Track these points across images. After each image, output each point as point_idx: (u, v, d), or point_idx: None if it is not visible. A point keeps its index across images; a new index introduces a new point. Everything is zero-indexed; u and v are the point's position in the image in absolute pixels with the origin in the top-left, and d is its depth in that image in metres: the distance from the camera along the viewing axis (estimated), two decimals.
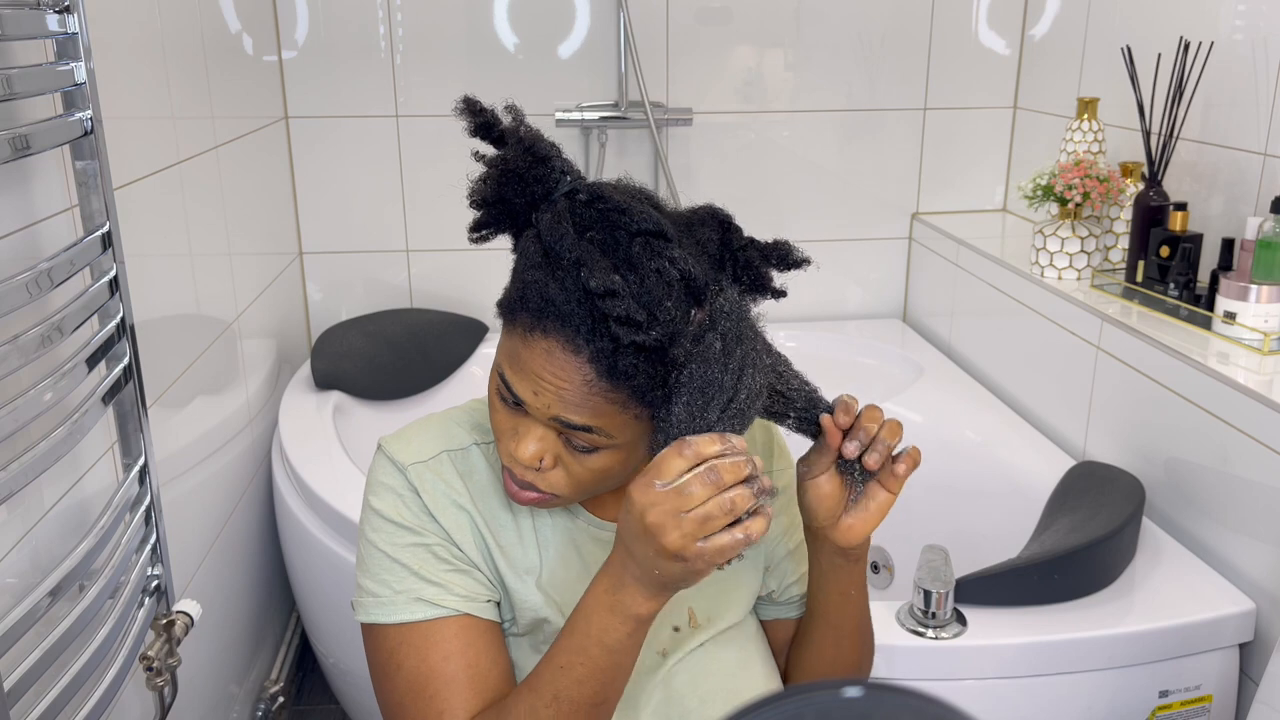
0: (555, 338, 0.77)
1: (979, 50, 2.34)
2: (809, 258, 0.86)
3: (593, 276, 0.74)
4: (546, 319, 0.77)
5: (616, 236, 0.77)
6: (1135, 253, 1.73)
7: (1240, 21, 1.63)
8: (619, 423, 0.80)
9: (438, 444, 0.94)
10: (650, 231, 0.77)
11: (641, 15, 2.23)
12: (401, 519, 0.90)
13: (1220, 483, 1.40)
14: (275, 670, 1.94)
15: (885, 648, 1.26)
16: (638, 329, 0.74)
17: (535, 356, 0.79)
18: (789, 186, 2.39)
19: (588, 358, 0.77)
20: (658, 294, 0.76)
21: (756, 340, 0.82)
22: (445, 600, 0.89)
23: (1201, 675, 1.33)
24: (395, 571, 0.90)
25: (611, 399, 0.78)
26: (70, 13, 0.97)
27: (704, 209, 0.86)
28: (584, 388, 0.78)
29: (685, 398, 0.76)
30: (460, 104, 0.83)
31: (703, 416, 0.77)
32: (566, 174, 0.81)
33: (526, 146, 0.80)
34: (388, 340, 2.12)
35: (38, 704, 0.88)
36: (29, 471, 0.88)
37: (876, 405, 0.88)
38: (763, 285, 0.86)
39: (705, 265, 0.81)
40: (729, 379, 0.77)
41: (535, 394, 0.80)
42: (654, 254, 0.77)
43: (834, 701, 0.50)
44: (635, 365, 0.76)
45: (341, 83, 2.22)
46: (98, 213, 1.04)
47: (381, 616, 0.89)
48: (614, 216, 0.77)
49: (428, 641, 0.88)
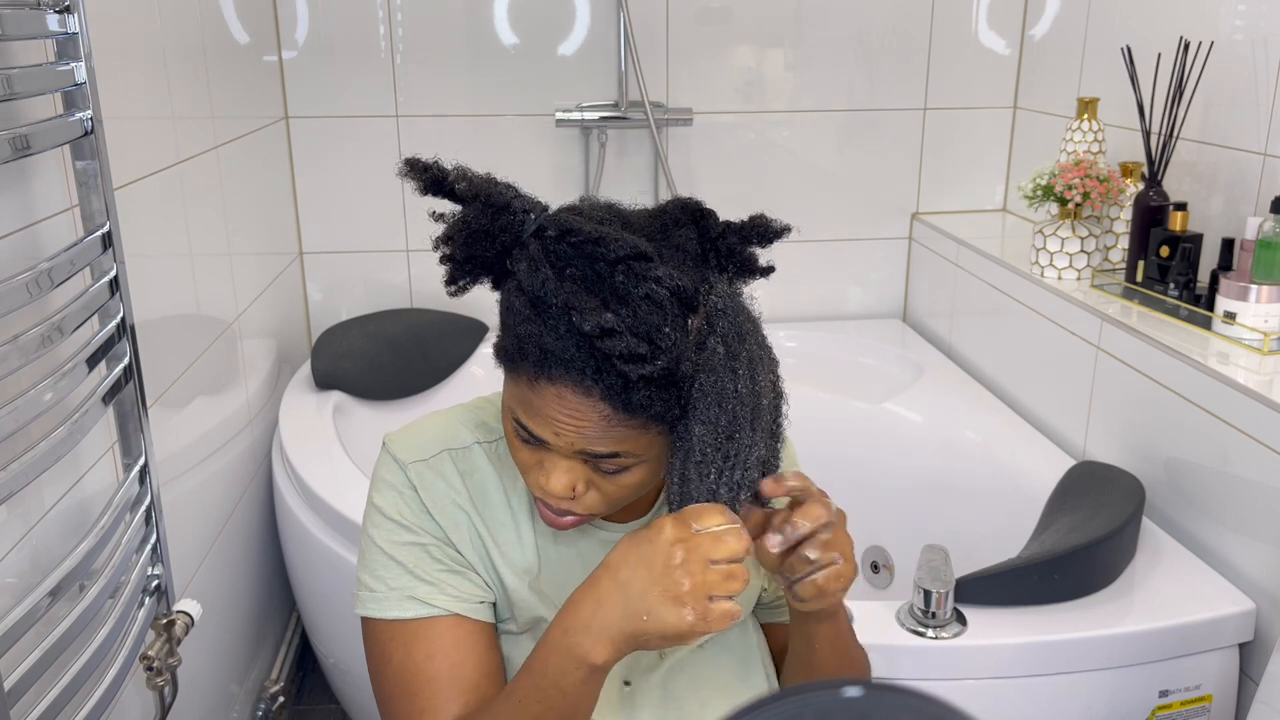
0: (563, 384, 0.76)
1: (979, 50, 2.34)
2: (789, 225, 0.84)
3: (585, 320, 0.73)
4: (550, 368, 0.76)
5: (597, 269, 0.75)
6: (1135, 253, 1.73)
7: (1240, 21, 1.63)
8: (644, 443, 0.80)
9: (440, 442, 0.94)
10: (630, 256, 0.75)
11: (641, 15, 2.23)
12: (400, 517, 0.91)
13: (1220, 483, 1.40)
14: (275, 670, 1.94)
15: (885, 648, 1.26)
16: (643, 361, 0.73)
17: (548, 403, 0.77)
18: (789, 186, 2.39)
19: (600, 396, 0.76)
20: (654, 321, 0.74)
21: (757, 332, 0.81)
22: (436, 600, 0.89)
23: (1201, 675, 1.33)
24: (391, 568, 0.90)
25: (631, 425, 0.77)
26: (70, 13, 0.97)
27: (673, 204, 0.84)
28: (602, 423, 0.77)
29: (702, 414, 0.76)
30: (403, 167, 0.81)
31: (728, 431, 0.76)
32: (529, 212, 0.79)
33: (484, 201, 0.79)
34: (388, 340, 2.12)
35: (38, 704, 0.88)
36: (29, 471, 0.88)
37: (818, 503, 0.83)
38: (750, 267, 0.85)
39: (690, 268, 0.80)
40: (743, 385, 0.77)
41: (556, 435, 0.79)
42: (639, 279, 0.75)
43: (834, 701, 0.50)
44: (649, 395, 0.75)
45: (341, 83, 2.22)
46: (98, 213, 1.04)
47: (376, 611, 0.90)
48: (589, 248, 0.75)
49: (416, 639, 0.89)
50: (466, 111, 2.26)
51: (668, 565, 0.74)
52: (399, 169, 0.81)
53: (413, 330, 2.19)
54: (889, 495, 2.00)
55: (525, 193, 0.80)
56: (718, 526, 0.75)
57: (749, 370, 0.78)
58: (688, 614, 0.73)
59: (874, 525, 2.03)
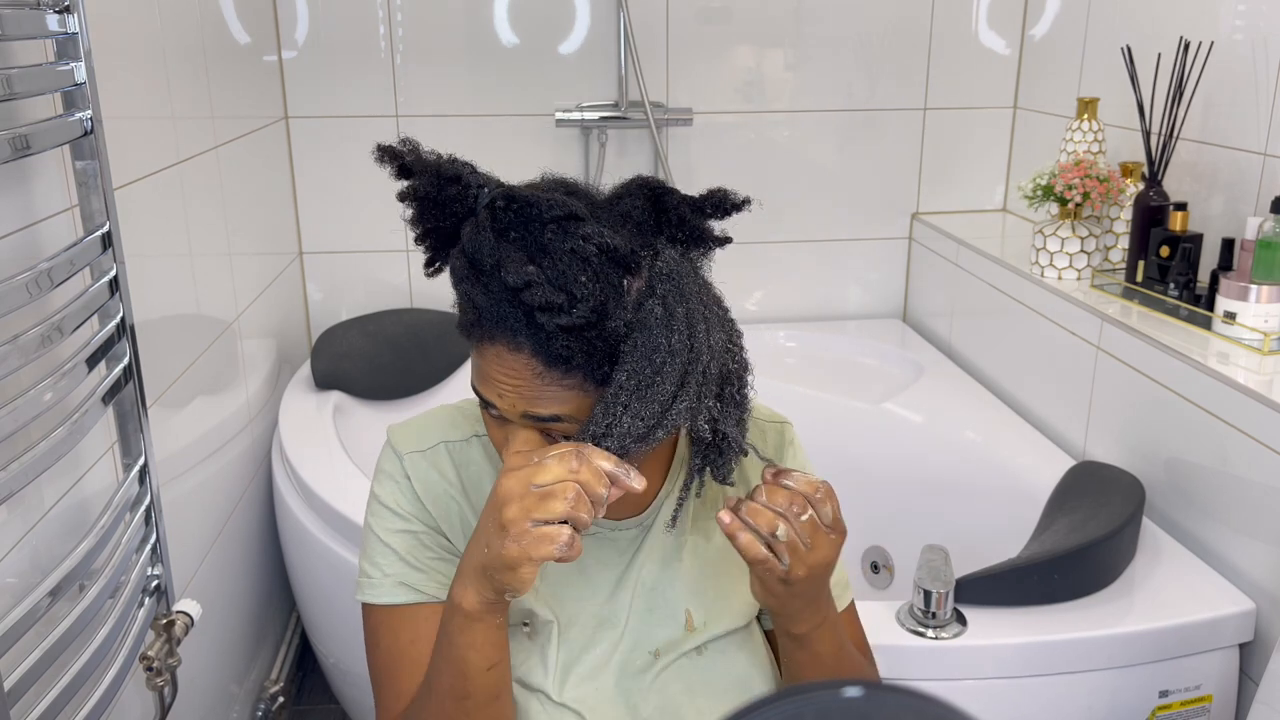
0: (499, 342, 0.79)
1: (979, 50, 2.34)
2: (749, 198, 0.85)
3: (508, 273, 0.76)
4: (486, 325, 0.79)
5: (531, 230, 0.78)
6: (1135, 253, 1.73)
7: (1240, 21, 1.63)
8: (580, 403, 0.81)
9: (438, 434, 0.97)
10: (560, 217, 0.77)
11: (641, 15, 2.23)
12: (395, 505, 0.94)
13: (1220, 483, 1.40)
14: (275, 670, 1.94)
15: (885, 648, 1.26)
16: (559, 311, 0.75)
17: (489, 363, 0.81)
18: (789, 186, 2.39)
19: (530, 352, 0.78)
20: (572, 273, 0.76)
21: (706, 296, 0.82)
22: (425, 587, 0.93)
23: (1201, 675, 1.33)
24: (386, 555, 0.94)
25: (566, 384, 0.79)
26: (70, 13, 0.97)
27: (633, 181, 0.85)
28: (536, 380, 0.79)
29: (630, 365, 0.78)
30: (377, 152, 0.84)
31: (653, 383, 0.78)
32: (484, 187, 0.81)
33: (434, 172, 0.81)
34: (388, 340, 2.12)
35: (38, 704, 0.88)
36: (29, 471, 0.88)
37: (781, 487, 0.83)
38: (701, 237, 0.85)
39: (630, 233, 0.81)
40: (677, 340, 0.78)
41: (500, 397, 0.81)
42: (567, 235, 0.77)
43: (834, 701, 0.50)
44: (570, 346, 0.77)
45: (341, 83, 2.22)
46: (98, 213, 1.04)
47: (370, 596, 0.94)
48: (527, 211, 0.78)
49: (403, 624, 0.93)
50: (466, 111, 2.26)
51: (495, 496, 0.77)
52: (374, 154, 0.84)
53: (413, 330, 2.18)
54: (889, 495, 2.00)
55: (484, 172, 0.82)
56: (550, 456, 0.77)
57: (687, 327, 0.79)
58: (510, 541, 0.76)
59: (874, 525, 2.03)
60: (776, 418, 1.05)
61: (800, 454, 1.04)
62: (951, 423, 1.95)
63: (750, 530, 0.81)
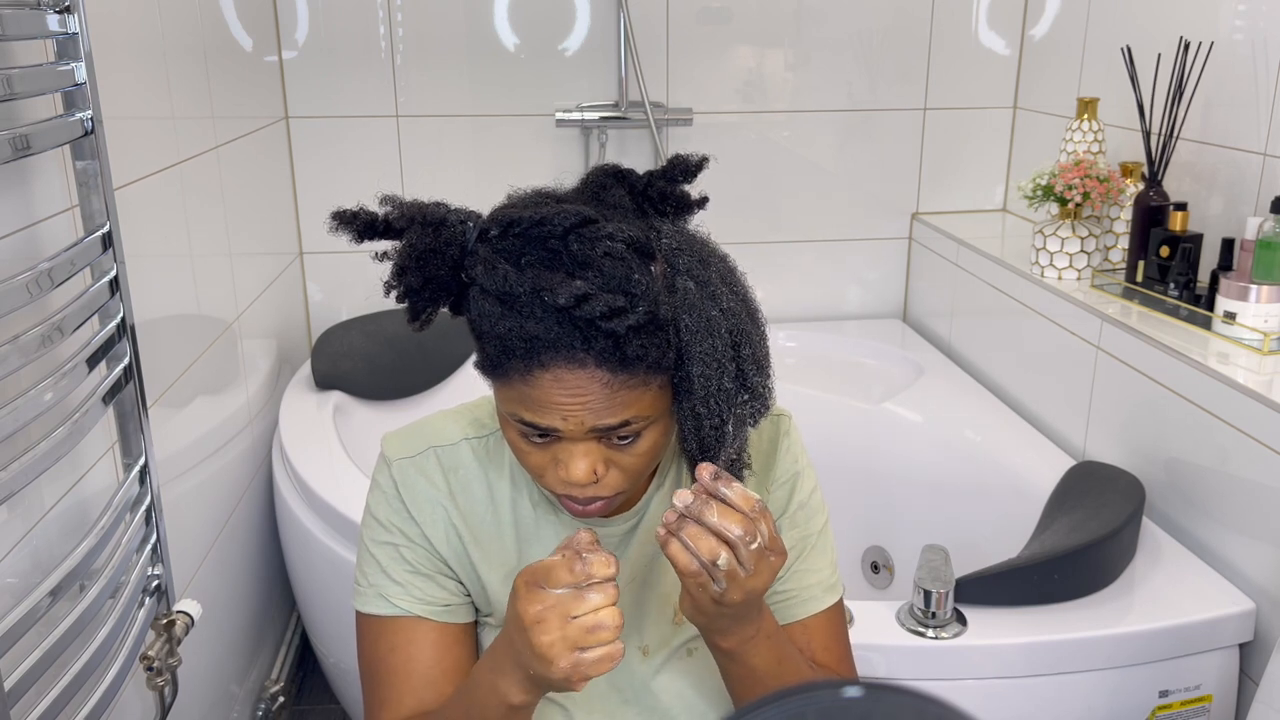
0: (556, 365, 0.76)
1: (979, 50, 2.34)
2: (706, 156, 0.88)
3: (557, 295, 0.73)
4: (539, 354, 0.76)
5: (550, 247, 0.76)
6: (1135, 253, 1.73)
7: (1240, 21, 1.63)
8: (649, 401, 0.80)
9: (427, 440, 0.97)
10: (576, 224, 0.76)
11: (641, 15, 2.23)
12: (379, 515, 0.95)
13: (1220, 483, 1.40)
14: (275, 670, 1.94)
15: (885, 648, 1.27)
16: (625, 314, 0.74)
17: (547, 390, 0.77)
18: (789, 186, 2.39)
19: (595, 364, 0.76)
20: (620, 273, 0.75)
21: (716, 253, 0.85)
22: (401, 600, 0.94)
23: (1201, 675, 1.33)
24: (370, 565, 0.95)
25: (632, 384, 0.78)
26: (70, 13, 0.97)
27: (595, 172, 0.85)
28: (604, 390, 0.77)
29: (695, 349, 0.79)
30: (332, 221, 0.80)
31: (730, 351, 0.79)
32: (466, 221, 0.79)
33: (421, 222, 0.79)
34: (388, 340, 2.12)
35: (38, 704, 0.88)
36: (29, 471, 0.88)
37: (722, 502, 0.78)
38: (685, 203, 0.87)
39: (633, 221, 0.81)
40: (726, 302, 0.80)
41: (565, 419, 0.79)
42: (593, 241, 0.76)
43: (834, 701, 0.50)
44: (642, 345, 0.76)
45: (341, 83, 2.22)
46: (98, 213, 1.04)
47: (359, 605, 0.96)
48: (535, 231, 0.76)
49: (383, 634, 0.94)
50: (466, 111, 2.26)
51: (525, 626, 0.75)
52: (328, 225, 0.80)
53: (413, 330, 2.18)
54: (889, 495, 2.00)
55: (454, 205, 0.81)
56: (564, 589, 0.75)
57: (726, 287, 0.81)
58: (558, 669, 0.74)
59: (874, 525, 2.03)
60: (775, 409, 1.03)
61: (796, 447, 1.02)
62: (951, 423, 1.95)
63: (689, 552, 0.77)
